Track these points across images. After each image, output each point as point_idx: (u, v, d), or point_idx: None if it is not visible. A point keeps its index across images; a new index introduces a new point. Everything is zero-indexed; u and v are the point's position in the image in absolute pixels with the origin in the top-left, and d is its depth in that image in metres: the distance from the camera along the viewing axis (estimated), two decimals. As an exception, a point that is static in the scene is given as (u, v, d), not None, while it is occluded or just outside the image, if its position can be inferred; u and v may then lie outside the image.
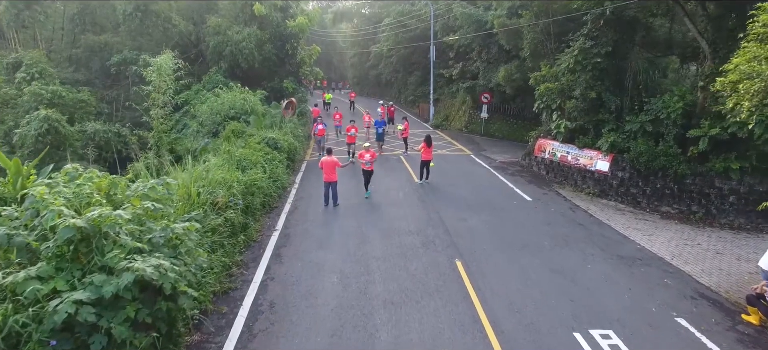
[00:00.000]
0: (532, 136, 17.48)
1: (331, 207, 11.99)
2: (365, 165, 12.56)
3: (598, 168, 14.11)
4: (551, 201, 13.26)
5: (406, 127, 18.27)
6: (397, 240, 9.77)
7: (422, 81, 33.95)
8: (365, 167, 12.66)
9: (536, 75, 16.10)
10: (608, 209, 12.72)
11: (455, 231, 10.32)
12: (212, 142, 15.08)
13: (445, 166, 16.77)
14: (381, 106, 24.43)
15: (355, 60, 49.53)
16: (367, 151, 12.59)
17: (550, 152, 16.12)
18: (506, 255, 9.12)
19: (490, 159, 18.63)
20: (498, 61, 22.40)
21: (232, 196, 9.36)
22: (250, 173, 10.99)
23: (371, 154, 12.64)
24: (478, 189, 14.05)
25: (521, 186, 14.67)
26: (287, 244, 9.53)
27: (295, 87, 24.27)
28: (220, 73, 23.23)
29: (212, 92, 14.64)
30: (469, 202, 12.62)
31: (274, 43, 23.80)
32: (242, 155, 11.82)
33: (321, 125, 17.10)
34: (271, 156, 13.86)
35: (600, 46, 14.09)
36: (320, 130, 17.14)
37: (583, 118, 14.63)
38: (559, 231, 10.58)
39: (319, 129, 17.07)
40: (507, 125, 24.09)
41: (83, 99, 19.70)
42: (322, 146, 16.56)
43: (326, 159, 11.69)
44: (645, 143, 12.67)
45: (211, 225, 7.92)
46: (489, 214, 11.65)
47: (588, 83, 14.21)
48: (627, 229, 10.94)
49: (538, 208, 12.42)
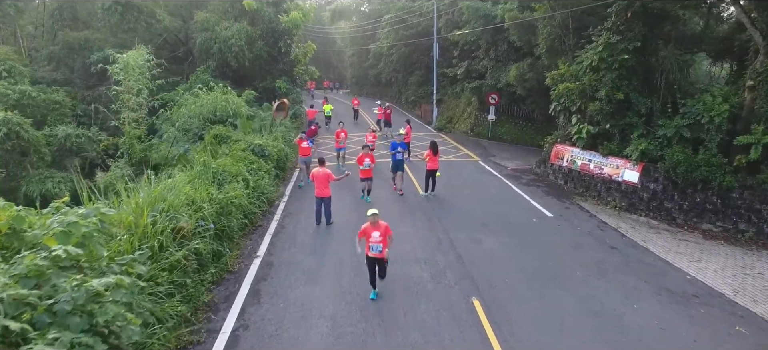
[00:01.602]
0: (548, 142, 15.90)
1: (323, 226, 10.40)
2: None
3: (626, 178, 12.52)
4: (575, 217, 11.67)
5: (408, 132, 16.67)
6: (401, 270, 8.17)
7: (424, 81, 32.36)
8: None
9: (553, 74, 14.51)
10: (640, 227, 11.14)
11: (469, 258, 8.73)
12: (193, 148, 13.47)
13: (452, 175, 15.18)
14: (378, 107, 22.83)
15: (354, 59, 47.91)
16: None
17: (569, 160, 14.53)
18: (533, 290, 7.53)
19: (500, 166, 17.04)
20: (507, 59, 20.80)
21: (201, 220, 7.74)
22: (227, 188, 9.37)
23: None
24: (491, 203, 12.46)
25: (538, 198, 13.08)
26: (269, 277, 7.93)
27: (288, 87, 22.68)
28: (207, 73, 21.63)
29: (191, 93, 13.08)
30: (482, 219, 11.03)
31: (266, 39, 22.21)
32: (220, 166, 10.20)
33: (305, 143, 13.33)
34: (256, 165, 12.26)
35: (627, 41, 12.51)
36: (305, 148, 13.24)
37: (607, 121, 13.04)
38: (591, 257, 9.00)
39: (303, 146, 13.25)
40: (516, 128, 22.49)
41: (57, 100, 18.06)
42: (304, 169, 13.21)
43: (318, 171, 10.10)
44: (682, 151, 11.09)
45: (170, 261, 6.30)
46: (506, 234, 10.06)
47: (614, 83, 12.63)
48: (669, 253, 9.35)
49: (561, 226, 10.84)
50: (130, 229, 6.12)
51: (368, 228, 6.88)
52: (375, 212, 6.92)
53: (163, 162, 12.72)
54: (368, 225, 6.89)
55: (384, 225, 6.90)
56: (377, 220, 6.88)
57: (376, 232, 6.81)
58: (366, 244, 6.92)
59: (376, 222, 6.87)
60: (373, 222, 6.86)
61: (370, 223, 6.87)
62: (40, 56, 25.12)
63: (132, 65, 10.94)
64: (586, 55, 13.42)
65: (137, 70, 11.30)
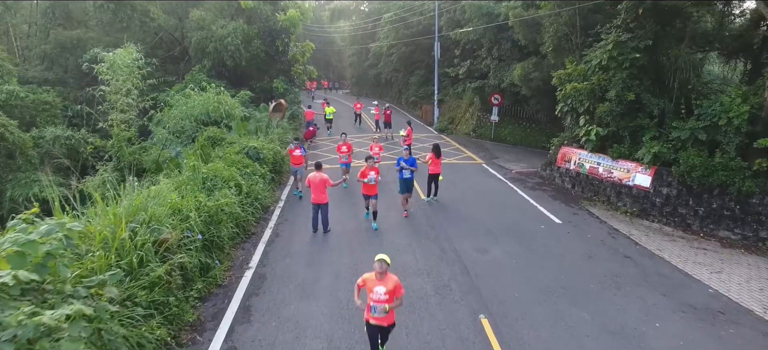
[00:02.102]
0: (554, 144, 15.33)
1: (320, 234, 9.84)
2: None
3: (637, 183, 11.96)
4: (584, 223, 11.11)
5: (409, 134, 16.12)
6: (403, 283, 7.58)
7: (425, 81, 31.81)
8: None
9: (560, 73, 13.95)
10: (654, 234, 10.58)
11: (475, 270, 8.18)
12: (185, 151, 12.90)
13: (455, 178, 14.63)
14: (375, 107, 22.28)
15: (354, 59, 47.39)
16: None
17: (577, 163, 13.97)
18: (545, 305, 6.98)
19: (504, 169, 16.48)
20: (511, 58, 20.24)
21: (188, 229, 7.19)
22: (218, 195, 8.81)
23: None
24: (496, 208, 11.90)
25: (546, 203, 12.52)
26: (261, 291, 7.38)
27: (286, 87, 22.11)
28: (203, 72, 21.05)
29: (182, 93, 12.52)
30: (487, 226, 10.47)
31: (263, 38, 21.62)
32: (211, 171, 9.64)
33: (298, 151, 12.19)
34: (250, 169, 11.70)
35: (638, 39, 11.96)
36: (297, 157, 12.19)
37: (618, 123, 12.48)
38: (605, 268, 8.44)
39: (296, 155, 12.18)
40: (520, 129, 21.94)
41: (47, 100, 17.48)
42: (299, 178, 12.36)
43: (314, 175, 9.54)
44: (698, 154, 10.53)
45: (151, 277, 5.75)
46: (514, 243, 9.51)
47: (625, 83, 12.08)
48: (687, 264, 8.80)
49: (571, 234, 10.27)
50: (105, 244, 5.55)
51: (371, 281, 4.94)
52: (384, 259, 4.88)
53: (154, 166, 12.16)
54: (373, 275, 4.94)
55: (394, 281, 4.93)
56: (386, 270, 4.90)
57: (380, 287, 4.84)
58: (367, 302, 5.00)
59: (384, 274, 4.89)
60: (380, 274, 4.87)
61: (376, 274, 4.89)
62: (33, 55, 24.55)
63: (118, 64, 10.38)
64: (594, 53, 12.87)
65: (125, 70, 10.72)
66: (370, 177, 9.67)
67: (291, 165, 12.64)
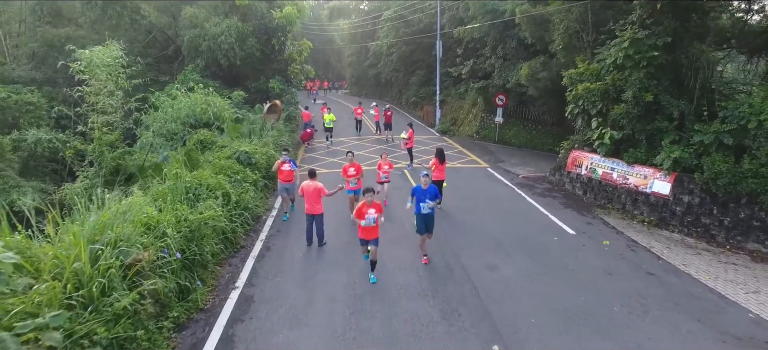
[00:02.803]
0: (564, 147, 14.54)
1: (315, 248, 9.06)
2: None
3: (656, 190, 11.17)
4: (600, 234, 10.32)
5: (410, 136, 15.33)
6: (406, 306, 6.82)
7: (426, 80, 31.02)
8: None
9: (571, 73, 13.16)
10: (676, 246, 9.78)
11: (486, 289, 7.38)
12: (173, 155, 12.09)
13: (459, 184, 13.83)
14: (375, 108, 21.49)
15: (353, 59, 46.61)
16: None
17: (588, 168, 13.18)
18: (567, 335, 6.18)
19: (510, 173, 15.69)
20: (516, 58, 19.46)
21: (165, 248, 6.39)
22: (202, 206, 8.02)
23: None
24: (505, 217, 11.11)
25: (557, 211, 11.73)
26: (247, 316, 6.58)
27: (283, 87, 21.31)
28: (196, 72, 20.26)
29: (168, 94, 11.74)
30: (496, 238, 9.68)
31: (259, 37, 20.84)
32: (196, 179, 8.84)
33: (287, 165, 10.34)
34: (241, 175, 10.91)
35: (656, 36, 11.17)
36: (286, 172, 10.33)
37: (633, 126, 11.69)
38: (628, 287, 7.64)
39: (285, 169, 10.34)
40: (525, 131, 21.15)
41: (31, 101, 16.68)
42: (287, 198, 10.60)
43: (308, 184, 8.75)
44: (724, 160, 9.73)
45: (115, 309, 4.95)
46: (526, 258, 8.71)
47: (642, 83, 11.29)
48: (718, 282, 8.00)
49: (587, 247, 9.48)
50: (58, 273, 4.75)
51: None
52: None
53: (138, 171, 11.36)
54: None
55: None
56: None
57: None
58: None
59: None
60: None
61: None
62: (21, 54, 23.74)
63: (96, 62, 9.60)
64: (608, 51, 12.10)
65: (105, 68, 9.94)
66: (368, 219, 7.16)
67: (279, 182, 10.47)
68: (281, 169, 10.39)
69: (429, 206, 7.96)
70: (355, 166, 10.27)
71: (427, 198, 7.94)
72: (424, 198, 7.95)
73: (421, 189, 8.08)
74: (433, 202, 7.97)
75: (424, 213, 8.03)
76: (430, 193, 8.02)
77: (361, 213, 7.25)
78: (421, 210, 8.02)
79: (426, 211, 8.01)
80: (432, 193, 8.04)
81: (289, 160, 10.50)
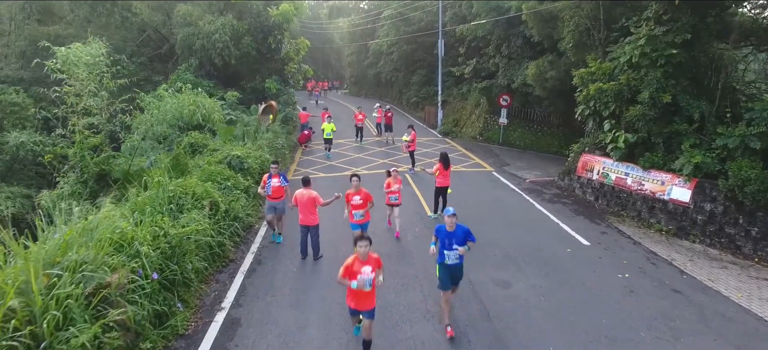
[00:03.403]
0: (574, 150, 13.83)
1: (309, 262, 8.36)
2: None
3: (674, 197, 10.47)
4: (616, 245, 9.61)
5: (413, 139, 14.62)
6: (410, 332, 6.13)
7: (427, 80, 30.32)
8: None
9: (582, 72, 12.47)
10: (699, 258, 9.08)
11: (497, 310, 6.69)
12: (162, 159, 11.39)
13: (464, 189, 13.12)
14: (378, 109, 20.79)
15: (353, 58, 45.91)
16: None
17: (600, 172, 12.48)
18: (591, 367, 5.48)
19: (517, 178, 14.98)
20: (522, 57, 18.75)
21: (139, 269, 5.69)
22: (186, 218, 7.32)
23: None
24: (513, 226, 10.40)
25: (568, 219, 11.04)
26: (232, 343, 5.88)
27: (280, 87, 20.61)
28: (189, 72, 19.58)
29: (154, 95, 11.06)
30: (505, 250, 8.98)
31: (254, 35, 20.13)
32: (180, 187, 8.14)
33: (277, 180, 8.72)
34: (232, 181, 10.21)
35: (674, 33, 10.48)
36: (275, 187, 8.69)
37: (649, 128, 11.00)
38: (653, 307, 6.95)
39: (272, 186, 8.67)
40: (530, 133, 20.44)
41: (15, 101, 15.99)
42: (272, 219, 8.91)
43: (302, 193, 8.05)
44: (751, 165, 9.03)
45: (73, 346, 4.25)
46: (539, 273, 8.01)
47: (659, 82, 10.59)
48: (752, 301, 7.29)
49: (604, 260, 8.78)
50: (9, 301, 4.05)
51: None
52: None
53: (124, 177, 10.66)
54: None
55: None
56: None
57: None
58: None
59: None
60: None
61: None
62: (11, 53, 23.05)
63: (72, 60, 8.90)
64: (623, 49, 11.40)
65: (86, 67, 9.24)
66: (362, 279, 4.99)
67: (266, 201, 8.86)
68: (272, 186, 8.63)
69: (458, 254, 5.82)
70: (361, 194, 8.00)
71: (455, 242, 5.80)
72: (452, 244, 5.79)
73: (445, 231, 5.84)
74: (464, 248, 5.83)
75: (451, 264, 5.88)
76: (459, 236, 5.82)
77: (351, 272, 5.02)
78: (445, 259, 5.86)
79: (453, 261, 5.85)
80: (461, 236, 5.83)
81: (278, 174, 8.83)
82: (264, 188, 8.74)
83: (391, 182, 9.18)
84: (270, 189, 8.69)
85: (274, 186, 8.74)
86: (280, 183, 8.77)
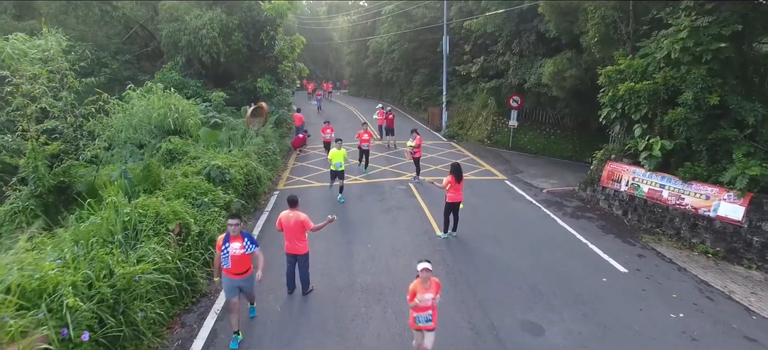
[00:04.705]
0: (597, 157, 12.40)
1: (298, 296, 6.94)
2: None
3: (723, 214, 9.03)
4: (659, 272, 8.18)
5: (418, 144, 13.19)
6: (421, 406, 4.69)
7: (430, 80, 28.90)
8: None
9: (609, 70, 11.05)
10: (763, 290, 7.63)
11: (531, 371, 5.26)
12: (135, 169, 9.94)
13: (475, 201, 11.70)
14: (380, 110, 19.37)
15: (352, 57, 44.45)
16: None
17: (630, 183, 11.05)
18: None
19: (532, 187, 13.54)
20: (535, 54, 17.32)
21: (62, 326, 4.26)
22: (144, 249, 5.89)
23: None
24: (535, 248, 8.97)
25: (597, 239, 9.61)
26: (187, 426, 4.44)
27: (272, 87, 19.17)
28: (175, 70, 18.14)
29: (122, 98, 9.66)
30: (531, 280, 7.56)
31: (245, 31, 18.69)
32: (140, 209, 6.71)
33: (239, 242, 5.41)
34: (210, 197, 8.78)
35: (722, 23, 9.06)
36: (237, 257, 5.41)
37: (690, 134, 9.57)
38: (726, 364, 5.53)
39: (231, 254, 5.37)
40: (542, 136, 19.01)
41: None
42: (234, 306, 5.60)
43: (287, 216, 6.63)
44: (821, 181, 7.62)
45: None
46: (575, 313, 6.59)
47: (705, 81, 9.17)
48: (843, 353, 5.88)
49: (648, 293, 7.35)
50: None
51: None
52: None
53: (87, 191, 9.23)
54: None
55: None
56: None
57: None
58: None
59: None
60: None
61: None
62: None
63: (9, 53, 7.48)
64: (659, 44, 9.96)
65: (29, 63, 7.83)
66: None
67: (223, 275, 5.56)
68: (221, 248, 5.36)
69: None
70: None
71: None
72: None
73: None
74: None
75: None
76: None
77: None
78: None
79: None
80: None
81: (241, 234, 5.45)
82: (220, 254, 5.39)
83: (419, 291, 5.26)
84: (229, 261, 5.34)
85: (234, 256, 5.34)
86: (243, 250, 5.40)
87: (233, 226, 5.39)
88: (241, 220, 5.62)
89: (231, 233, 5.41)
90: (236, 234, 5.42)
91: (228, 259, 5.38)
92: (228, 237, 5.41)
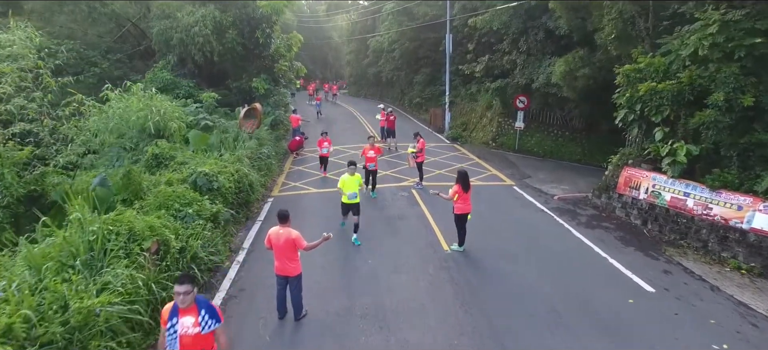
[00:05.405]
0: (613, 162, 11.62)
1: (289, 322, 6.16)
2: None
3: (758, 226, 8.24)
4: (689, 292, 7.39)
5: (421, 148, 12.41)
6: None
7: (432, 80, 28.13)
8: None
9: (628, 69, 10.27)
10: (806, 313, 6.86)
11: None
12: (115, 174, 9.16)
13: (483, 209, 10.89)
14: (381, 111, 18.59)
15: (352, 57, 43.70)
16: None
17: (650, 191, 10.27)
18: None
19: (542, 193, 12.76)
20: (543, 52, 16.54)
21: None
22: (109, 274, 5.11)
23: None
24: (551, 263, 8.18)
25: (616, 252, 8.82)
26: None
27: (268, 87, 18.40)
28: (167, 69, 17.37)
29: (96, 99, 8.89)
30: (548, 300, 6.78)
31: (240, 28, 17.93)
32: (111, 225, 5.92)
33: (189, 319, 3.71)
34: (195, 208, 7.99)
35: (756, 17, 8.29)
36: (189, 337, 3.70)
37: (719, 138, 8.79)
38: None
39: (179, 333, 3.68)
40: (549, 139, 18.23)
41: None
42: None
43: (277, 234, 5.85)
44: None
45: None
46: (601, 341, 5.82)
47: (737, 81, 8.38)
48: None
49: (682, 318, 6.56)
50: None
51: None
52: None
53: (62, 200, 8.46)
54: None
55: None
56: None
57: None
58: None
59: None
60: None
61: None
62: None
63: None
64: (687, 39, 9.17)
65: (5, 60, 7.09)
66: None
67: None
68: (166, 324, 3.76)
69: None
70: None
71: None
72: None
73: None
74: None
75: None
76: None
77: None
78: None
79: None
80: None
81: (196, 305, 3.79)
82: (164, 331, 3.77)
83: None
84: (176, 344, 3.70)
85: (184, 337, 3.71)
86: (197, 329, 3.72)
87: (182, 296, 3.66)
88: (193, 286, 3.76)
89: (179, 305, 3.70)
90: (187, 306, 3.71)
91: (176, 342, 3.68)
92: (176, 311, 3.73)
